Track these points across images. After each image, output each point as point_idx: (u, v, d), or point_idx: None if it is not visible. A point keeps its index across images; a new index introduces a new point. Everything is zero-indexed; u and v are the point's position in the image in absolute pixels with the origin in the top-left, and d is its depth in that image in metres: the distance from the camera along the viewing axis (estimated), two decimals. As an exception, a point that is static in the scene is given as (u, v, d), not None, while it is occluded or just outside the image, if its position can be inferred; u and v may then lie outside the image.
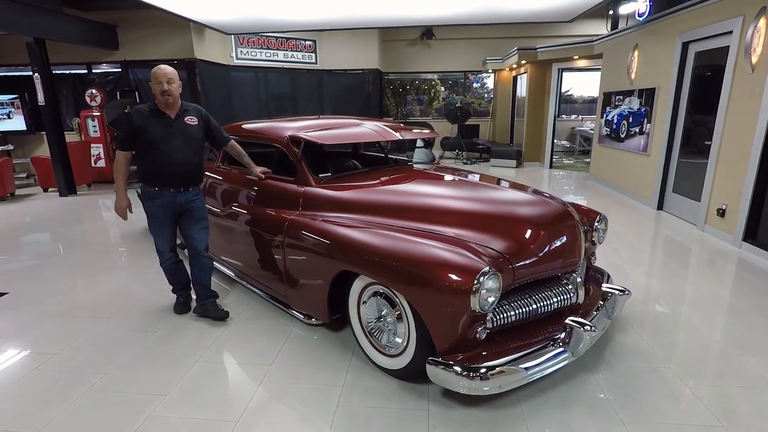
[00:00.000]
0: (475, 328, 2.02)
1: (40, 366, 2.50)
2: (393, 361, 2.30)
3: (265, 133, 3.26)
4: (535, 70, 9.39)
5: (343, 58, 10.76)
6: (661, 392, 2.21)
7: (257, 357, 2.57)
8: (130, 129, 2.77)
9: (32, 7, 6.33)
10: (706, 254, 4.28)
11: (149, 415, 2.09)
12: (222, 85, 9.25)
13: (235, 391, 2.26)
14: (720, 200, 4.58)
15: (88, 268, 4.04)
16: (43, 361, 2.55)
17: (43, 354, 2.62)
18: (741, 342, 2.66)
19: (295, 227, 2.69)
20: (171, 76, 2.81)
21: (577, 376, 2.34)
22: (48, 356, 2.59)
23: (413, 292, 2.07)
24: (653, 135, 5.90)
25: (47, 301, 3.35)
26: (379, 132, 3.20)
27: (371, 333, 2.41)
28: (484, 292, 1.94)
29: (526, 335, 2.21)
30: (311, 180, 2.88)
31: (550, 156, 9.62)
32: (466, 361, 1.98)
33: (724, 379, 2.32)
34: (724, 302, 3.22)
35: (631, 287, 3.42)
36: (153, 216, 2.90)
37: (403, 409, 2.11)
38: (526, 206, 2.52)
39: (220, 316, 2.99)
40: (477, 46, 11.62)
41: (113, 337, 2.82)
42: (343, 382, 2.31)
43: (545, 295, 2.31)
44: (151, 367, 2.49)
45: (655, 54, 5.88)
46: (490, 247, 2.18)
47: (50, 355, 2.61)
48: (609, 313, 2.55)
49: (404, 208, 2.56)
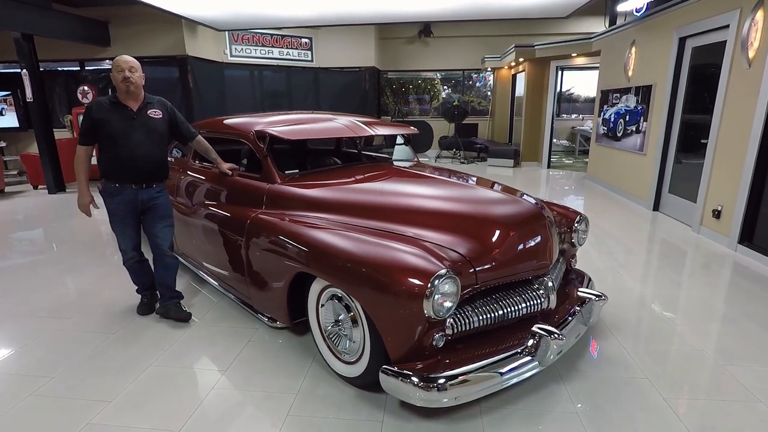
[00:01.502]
0: (432, 335, 1.88)
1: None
2: (350, 368, 2.17)
3: (235, 128, 3.14)
4: (533, 68, 9.22)
5: (339, 55, 10.64)
6: (635, 405, 2.06)
7: (214, 362, 2.45)
8: (90, 122, 2.66)
9: (19, 2, 6.27)
10: (700, 257, 4.10)
11: (87, 423, 1.98)
12: (215, 82, 9.17)
13: (184, 399, 2.14)
14: (715, 201, 4.41)
15: (61, 266, 3.94)
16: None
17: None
18: (729, 352, 2.50)
19: (256, 226, 2.57)
20: (133, 65, 2.71)
21: (546, 386, 2.20)
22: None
23: (365, 296, 1.94)
24: (649, 134, 5.72)
25: (11, 300, 3.26)
26: (350, 127, 3.07)
27: (329, 338, 2.28)
28: (438, 297, 1.80)
29: (492, 343, 2.06)
30: (276, 176, 2.76)
31: (548, 156, 9.44)
32: (422, 370, 1.85)
33: (706, 392, 2.16)
34: (715, 309, 3.05)
35: (618, 291, 3.29)
36: (114, 213, 2.79)
37: (357, 420, 1.98)
38: (493, 205, 2.37)
39: (183, 318, 2.88)
40: (476, 43, 11.45)
41: (70, 338, 2.71)
42: (298, 390, 2.18)
43: (513, 300, 2.17)
44: (101, 370, 2.38)
45: (652, 50, 5.70)
46: (451, 248, 2.04)
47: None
48: (585, 319, 2.41)
49: (366, 206, 2.43)
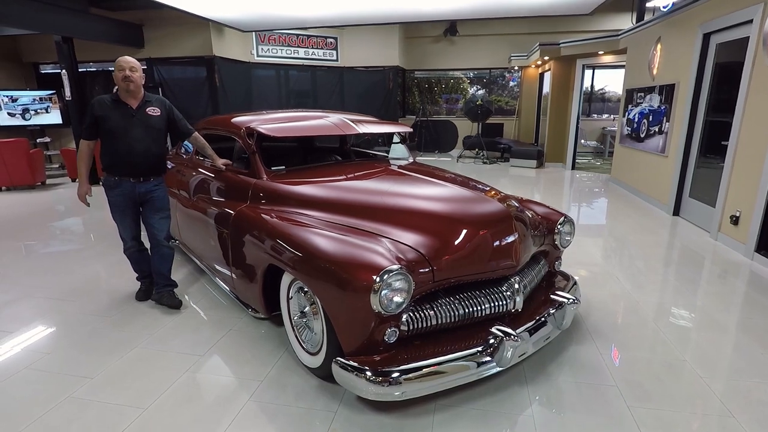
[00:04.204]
0: (384, 329, 1.91)
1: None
2: (313, 359, 2.23)
3: (228, 126, 3.27)
4: (558, 66, 8.96)
5: (364, 55, 10.74)
6: (596, 412, 2.01)
7: (193, 347, 2.58)
8: (92, 118, 2.85)
9: (60, 8, 6.74)
10: (713, 265, 3.89)
11: (68, 396, 2.14)
12: (242, 82, 9.48)
13: (158, 379, 2.27)
14: (734, 206, 4.16)
15: (80, 254, 4.23)
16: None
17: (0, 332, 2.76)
18: (713, 364, 2.38)
19: (238, 219, 2.68)
20: (134, 65, 2.86)
21: (508, 387, 2.18)
22: (3, 334, 2.73)
23: (320, 288, 2.00)
24: (671, 134, 5.46)
25: (33, 282, 3.54)
26: (339, 125, 3.13)
27: (296, 328, 2.35)
28: (387, 292, 1.83)
29: (452, 341, 2.07)
30: (262, 172, 2.86)
31: (573, 157, 9.15)
32: (372, 363, 1.88)
33: (676, 404, 2.07)
34: (713, 319, 2.90)
35: (611, 297, 3.19)
36: (114, 204, 2.97)
37: (312, 410, 2.04)
38: (459, 204, 2.36)
39: (174, 305, 3.04)
40: (502, 42, 11.25)
41: (72, 320, 2.92)
42: (264, 377, 2.27)
43: (477, 300, 2.16)
44: (91, 350, 2.56)
45: (676, 47, 5.43)
46: (410, 245, 2.06)
47: (5, 333, 2.74)
48: (558, 322, 2.36)
49: (340, 203, 2.48)
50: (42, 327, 2.83)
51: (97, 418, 2.00)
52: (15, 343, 2.64)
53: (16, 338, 2.69)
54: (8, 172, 7.18)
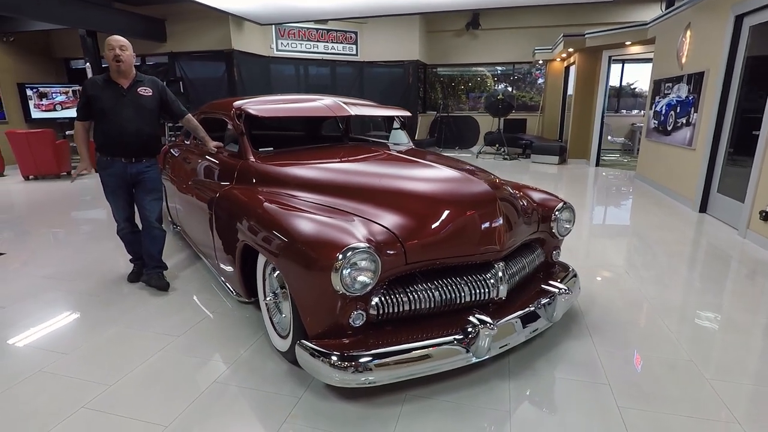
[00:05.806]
0: (349, 311, 1.80)
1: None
2: (283, 342, 2.15)
3: (221, 108, 3.23)
4: (583, 59, 8.59)
5: (383, 49, 10.64)
6: (582, 411, 1.83)
7: (172, 328, 2.54)
8: (84, 98, 2.86)
9: (84, 2, 6.95)
10: (737, 264, 3.58)
11: (40, 370, 2.13)
12: (261, 76, 9.55)
13: (129, 358, 2.24)
14: (765, 201, 3.82)
15: (86, 238, 4.32)
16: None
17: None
18: (723, 366, 2.15)
19: (220, 199, 2.63)
20: (123, 43, 2.85)
21: (488, 381, 2.02)
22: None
23: (284, 267, 1.90)
24: (699, 126, 5.10)
25: (38, 263, 3.61)
26: (331, 107, 3.03)
27: (270, 311, 2.27)
28: (349, 271, 1.72)
29: (429, 327, 1.94)
30: (249, 153, 2.80)
31: (597, 153, 8.75)
32: (338, 347, 1.78)
33: (675, 406, 1.87)
34: (730, 319, 2.64)
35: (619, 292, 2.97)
36: (106, 185, 2.98)
37: (276, 394, 1.95)
38: (440, 184, 2.21)
39: (162, 286, 3.02)
40: (526, 35, 10.91)
41: (62, 298, 2.94)
42: (235, 360, 2.20)
43: (456, 286, 2.02)
44: (73, 327, 2.56)
45: (706, 32, 5.07)
46: (382, 223, 1.94)
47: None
48: (549, 314, 2.19)
49: (321, 183, 2.38)
50: (32, 305, 2.85)
51: (62, 391, 1.97)
52: (1, 319, 2.67)
53: (3, 315, 2.72)
54: (35, 161, 7.47)
